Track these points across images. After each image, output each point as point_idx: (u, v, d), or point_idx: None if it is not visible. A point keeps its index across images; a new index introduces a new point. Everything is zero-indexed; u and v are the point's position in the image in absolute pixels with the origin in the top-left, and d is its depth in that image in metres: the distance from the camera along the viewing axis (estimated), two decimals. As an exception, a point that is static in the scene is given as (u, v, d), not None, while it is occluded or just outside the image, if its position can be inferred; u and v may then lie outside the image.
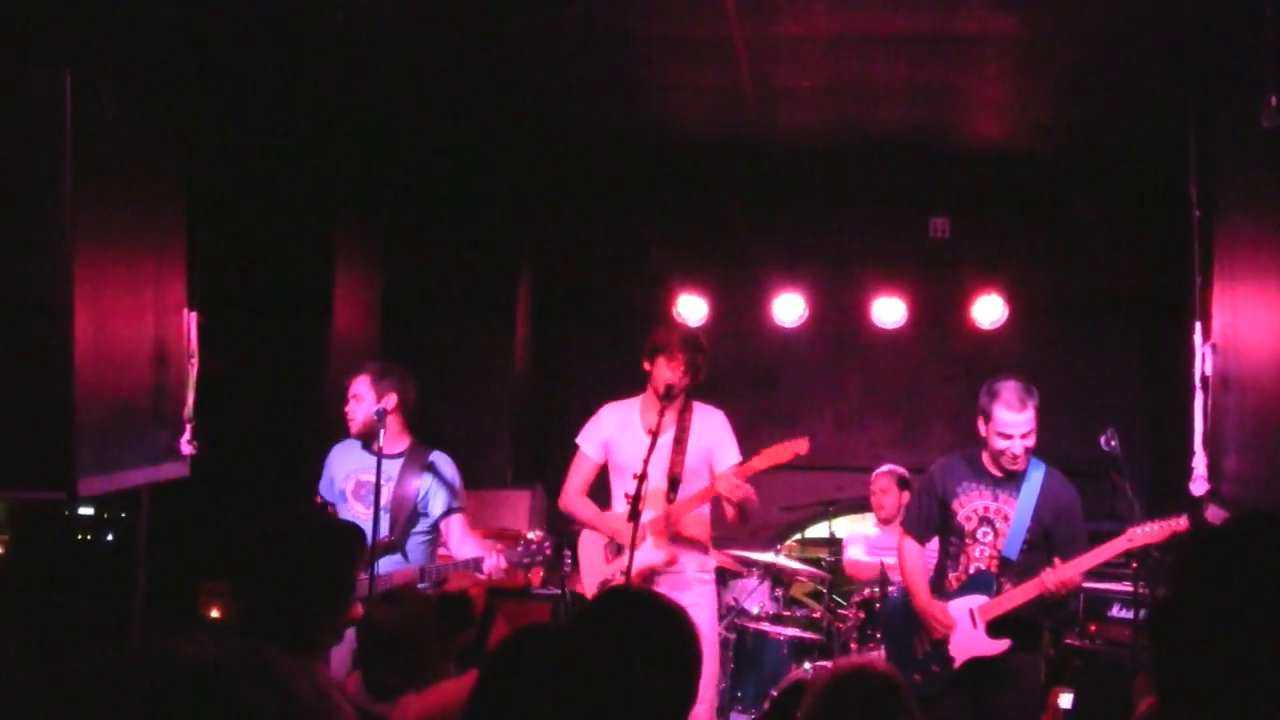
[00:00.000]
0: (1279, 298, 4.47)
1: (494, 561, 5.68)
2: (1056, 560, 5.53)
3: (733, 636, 7.23)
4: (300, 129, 7.26)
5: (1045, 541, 5.70)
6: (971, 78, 6.56)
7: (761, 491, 6.54)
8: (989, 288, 8.65)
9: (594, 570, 6.13)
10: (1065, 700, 6.79)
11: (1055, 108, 6.98)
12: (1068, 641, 7.38)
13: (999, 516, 5.72)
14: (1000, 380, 5.69)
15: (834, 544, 8.01)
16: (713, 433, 6.02)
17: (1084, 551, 5.57)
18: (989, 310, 8.67)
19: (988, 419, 5.66)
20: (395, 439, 5.93)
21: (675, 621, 2.47)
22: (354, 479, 6.04)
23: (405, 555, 5.87)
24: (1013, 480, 5.72)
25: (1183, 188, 5.95)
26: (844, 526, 8.28)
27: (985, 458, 5.78)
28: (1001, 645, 5.64)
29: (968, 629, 5.70)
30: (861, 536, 7.94)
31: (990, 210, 8.87)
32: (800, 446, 5.76)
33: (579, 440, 6.20)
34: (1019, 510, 5.67)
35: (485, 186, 8.68)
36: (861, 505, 8.12)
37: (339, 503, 6.03)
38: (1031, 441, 5.64)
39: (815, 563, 8.17)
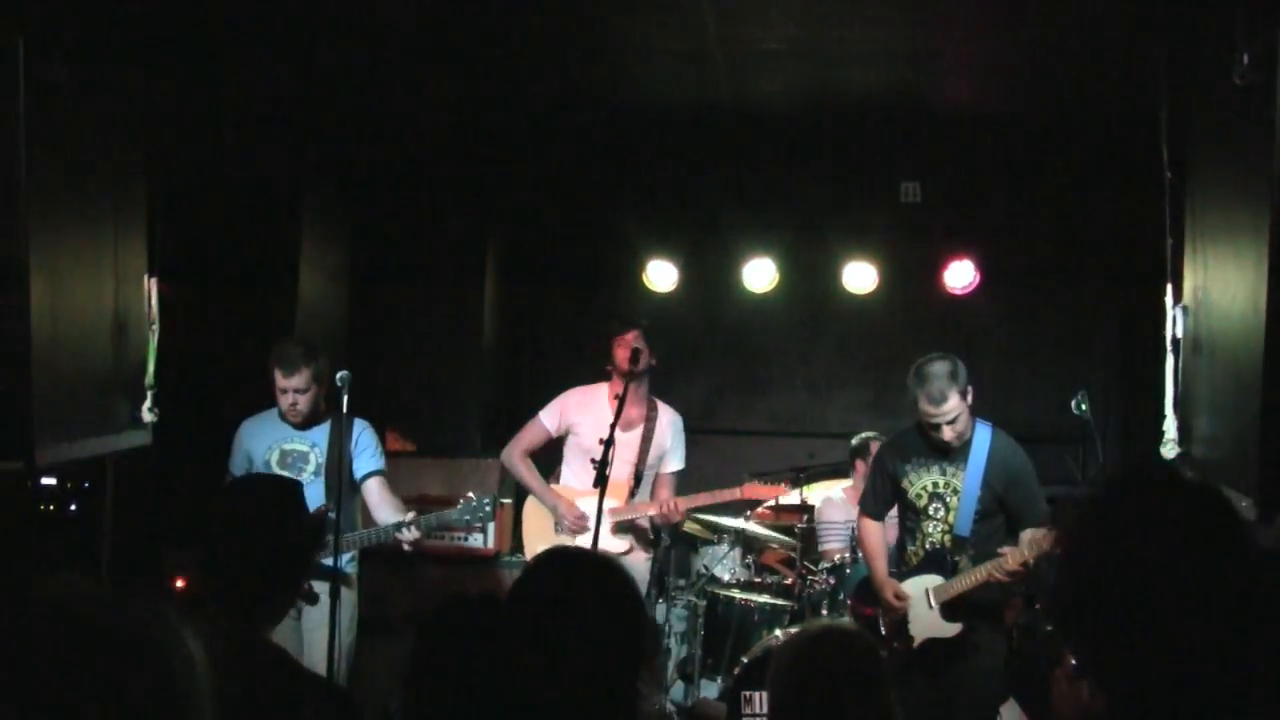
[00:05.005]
0: (1249, 258, 4.42)
1: (409, 534, 5.71)
2: (1023, 536, 5.49)
3: (703, 603, 7.18)
4: (266, 96, 7.15)
5: (999, 508, 5.64)
6: (941, 40, 6.51)
7: (733, 458, 6.56)
8: (960, 252, 8.63)
9: (540, 540, 6.35)
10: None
11: (1026, 70, 6.93)
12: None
13: (949, 490, 5.65)
14: (925, 365, 5.59)
15: (806, 510, 7.98)
16: (670, 436, 6.58)
17: (1043, 513, 5.58)
18: (960, 275, 8.66)
19: (915, 404, 5.60)
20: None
21: (612, 575, 2.38)
22: (277, 449, 5.99)
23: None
24: (961, 450, 5.63)
25: (1155, 149, 5.91)
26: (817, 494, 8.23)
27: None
28: (955, 628, 5.58)
29: (924, 609, 5.65)
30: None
31: (961, 174, 8.84)
32: (736, 494, 6.68)
33: (541, 414, 6.61)
34: (968, 481, 5.58)
35: (453, 153, 8.59)
36: (833, 472, 8.08)
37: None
38: (960, 425, 5.54)
39: (787, 530, 8.13)
